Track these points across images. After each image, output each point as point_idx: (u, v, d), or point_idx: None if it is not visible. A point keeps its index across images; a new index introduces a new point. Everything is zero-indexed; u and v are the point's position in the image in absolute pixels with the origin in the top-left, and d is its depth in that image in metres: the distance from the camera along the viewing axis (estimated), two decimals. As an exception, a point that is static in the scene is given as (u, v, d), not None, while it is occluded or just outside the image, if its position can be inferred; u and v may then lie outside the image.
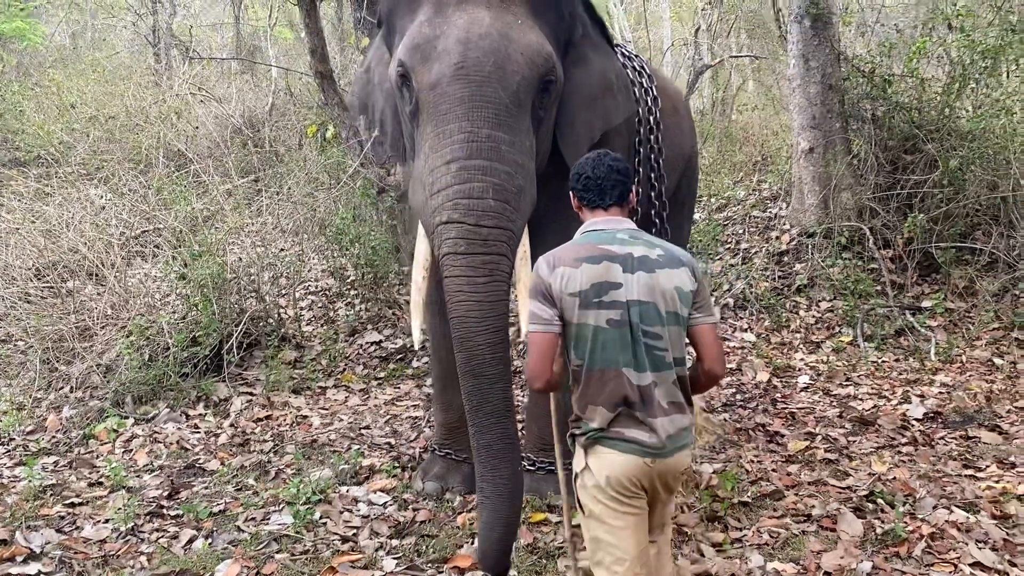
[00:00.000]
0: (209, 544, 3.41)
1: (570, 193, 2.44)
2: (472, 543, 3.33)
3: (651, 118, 3.97)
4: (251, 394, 5.36)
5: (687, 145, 4.63)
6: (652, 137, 3.97)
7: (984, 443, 4.47)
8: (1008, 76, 7.64)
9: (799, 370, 5.92)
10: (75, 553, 3.32)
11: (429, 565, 3.23)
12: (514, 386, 5.71)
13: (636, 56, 4.16)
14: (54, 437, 4.71)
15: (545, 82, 3.07)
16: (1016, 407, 4.97)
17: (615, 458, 2.14)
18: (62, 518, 3.68)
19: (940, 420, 4.84)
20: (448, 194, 2.82)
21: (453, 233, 2.80)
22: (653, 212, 4.02)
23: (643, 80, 4.00)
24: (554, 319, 2.17)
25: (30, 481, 3.96)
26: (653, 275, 2.19)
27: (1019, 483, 3.86)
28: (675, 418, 2.19)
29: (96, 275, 6.05)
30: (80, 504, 3.83)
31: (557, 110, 3.32)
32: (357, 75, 3.88)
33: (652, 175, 3.99)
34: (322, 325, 6.51)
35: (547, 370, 2.18)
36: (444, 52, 2.93)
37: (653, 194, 4.01)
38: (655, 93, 4.01)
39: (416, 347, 3.91)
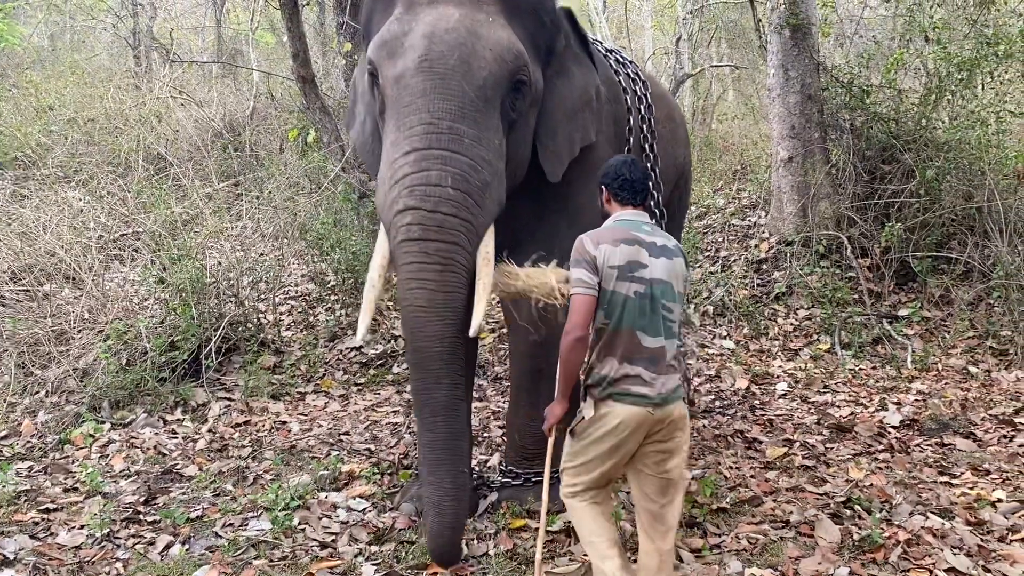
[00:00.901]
0: (186, 550, 3.38)
1: (601, 187, 2.84)
2: (451, 549, 3.32)
3: (644, 126, 3.93)
4: (230, 399, 5.32)
5: (681, 154, 4.59)
6: (647, 146, 3.94)
7: (959, 450, 4.52)
8: (983, 88, 7.75)
9: (777, 377, 5.96)
10: (49, 560, 3.28)
11: (408, 571, 3.22)
12: (481, 389, 5.72)
13: (631, 63, 4.12)
14: (29, 442, 4.65)
15: (516, 81, 3.02)
16: (990, 415, 5.03)
17: (623, 410, 2.55)
18: (36, 524, 3.63)
19: (916, 427, 4.89)
20: (405, 183, 2.76)
21: (408, 219, 2.74)
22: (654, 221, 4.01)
23: (637, 88, 3.96)
24: (595, 285, 2.57)
25: (4, 487, 3.90)
26: (671, 261, 2.68)
27: (993, 490, 3.91)
28: (673, 376, 2.62)
29: (73, 278, 6.00)
30: (55, 510, 3.79)
31: (538, 120, 3.29)
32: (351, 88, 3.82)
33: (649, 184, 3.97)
34: (302, 330, 6.48)
35: (588, 325, 2.56)
36: (410, 47, 2.90)
37: (652, 203, 3.98)
38: (649, 101, 3.97)
39: (358, 343, 3.78)
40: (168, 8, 16.49)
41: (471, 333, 2.77)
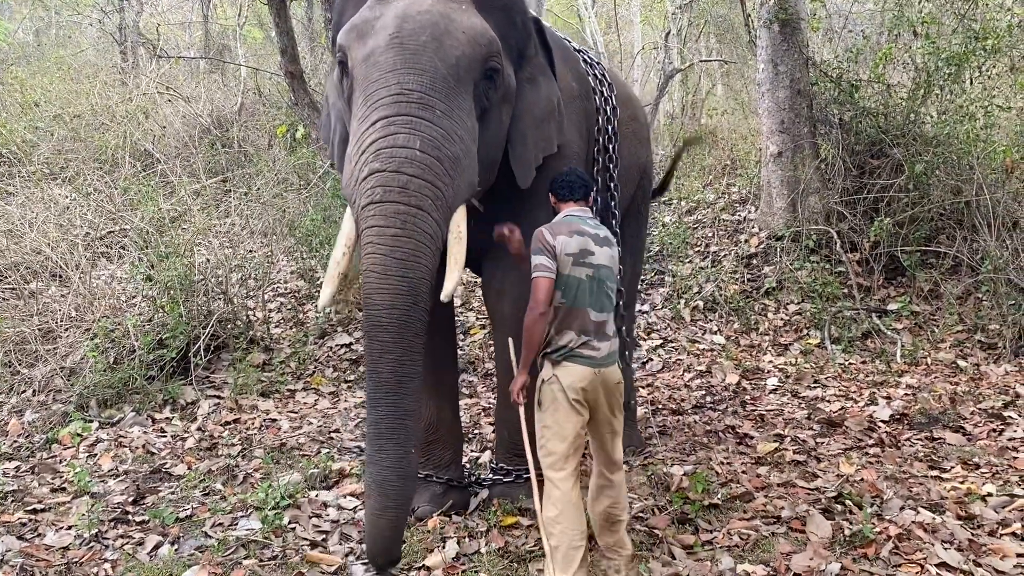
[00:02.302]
0: (175, 550, 3.35)
1: (549, 196, 3.14)
2: (443, 547, 3.31)
3: (609, 128, 3.94)
4: (219, 397, 5.29)
5: (643, 154, 4.63)
6: (610, 147, 3.95)
7: (949, 444, 4.53)
8: (971, 82, 7.77)
9: (768, 372, 5.97)
10: (37, 560, 3.25)
11: (399, 570, 3.20)
12: (471, 385, 5.71)
13: (598, 63, 4.13)
14: (16, 442, 4.62)
15: (489, 68, 2.99)
16: (979, 409, 5.05)
17: (576, 368, 2.93)
18: (23, 524, 3.60)
19: (906, 421, 4.91)
20: (371, 149, 2.68)
21: (372, 183, 2.65)
22: (614, 223, 4.01)
23: (603, 89, 3.97)
24: (554, 270, 2.91)
25: (-9, 487, 3.88)
26: (611, 249, 3.10)
27: (983, 484, 3.92)
28: (612, 342, 3.05)
29: (60, 276, 5.96)
30: (42, 510, 3.76)
31: (511, 125, 3.28)
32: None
33: (610, 184, 3.97)
34: (291, 327, 6.45)
35: (549, 303, 2.91)
36: (381, 27, 2.86)
37: (613, 204, 3.99)
38: (615, 103, 3.99)
39: (319, 309, 3.65)
40: (155, 3, 16.39)
41: (442, 298, 2.71)
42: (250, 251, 6.89)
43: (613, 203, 3.99)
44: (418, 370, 2.71)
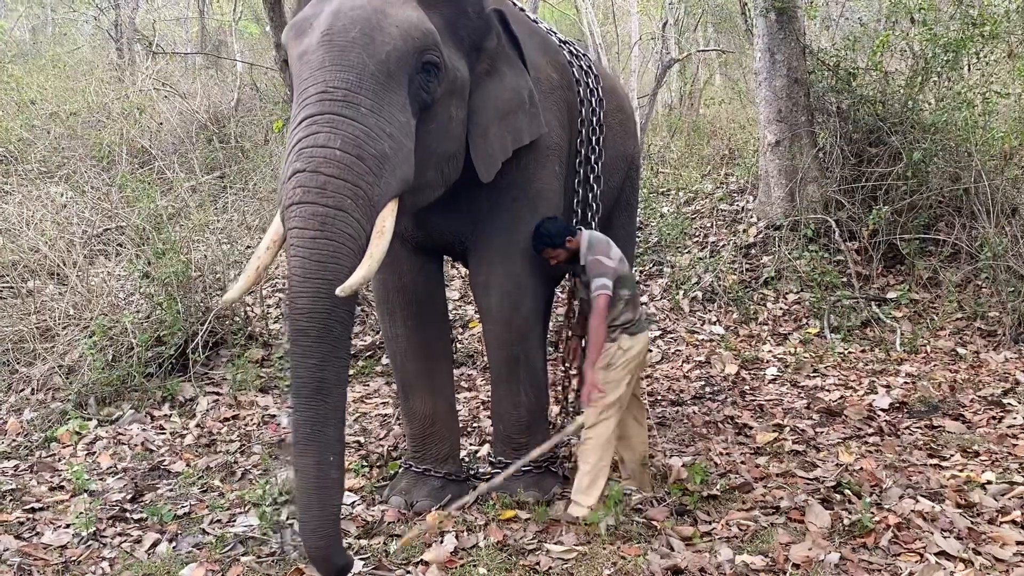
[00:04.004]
0: (173, 548, 3.35)
1: (552, 247, 3.50)
2: (442, 542, 3.31)
3: (594, 119, 3.92)
4: (217, 394, 5.29)
5: (630, 145, 4.60)
6: (595, 139, 3.93)
7: (948, 432, 4.53)
8: (969, 69, 7.75)
9: (767, 362, 5.96)
10: (35, 560, 3.25)
11: (397, 565, 3.20)
12: (471, 378, 5.70)
13: (584, 55, 4.11)
14: (14, 440, 4.61)
15: (425, 62, 2.94)
16: (979, 396, 5.04)
17: (644, 335, 3.69)
18: (21, 524, 3.60)
19: (905, 410, 4.90)
20: (296, 148, 2.66)
21: (293, 183, 2.61)
22: (589, 214, 3.98)
23: (589, 80, 3.94)
24: (611, 287, 3.48)
25: (-11, 486, 3.87)
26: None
27: (982, 472, 3.92)
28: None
29: (57, 274, 5.95)
30: (40, 509, 3.76)
31: (469, 119, 3.25)
32: None
33: (591, 176, 3.96)
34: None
35: (607, 313, 3.51)
36: (316, 25, 2.84)
37: (590, 196, 3.97)
38: (600, 95, 3.96)
39: (225, 303, 3.59)
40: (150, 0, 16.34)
41: (339, 292, 2.54)
42: (248, 247, 6.86)
43: (591, 195, 3.97)
44: (342, 376, 2.68)
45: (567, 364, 4.19)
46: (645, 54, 15.63)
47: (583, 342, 3.91)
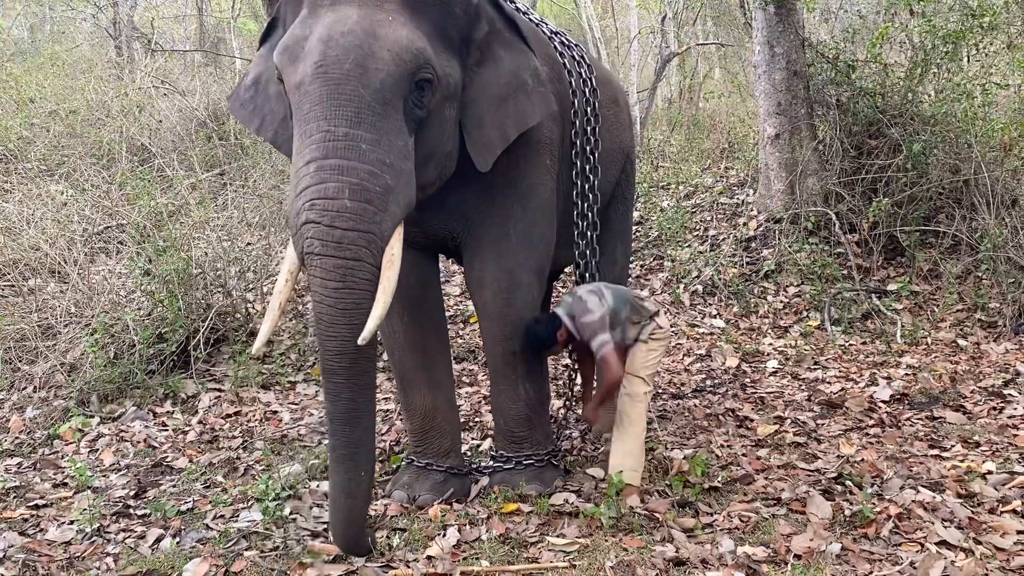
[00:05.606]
0: (177, 543, 3.36)
1: (560, 328, 3.61)
2: (444, 535, 3.32)
3: (588, 109, 3.89)
4: (219, 390, 5.30)
5: (626, 137, 4.58)
6: (590, 129, 3.91)
7: (949, 423, 4.54)
8: (969, 61, 7.74)
9: (768, 355, 5.97)
10: (39, 556, 3.26)
11: (400, 559, 3.21)
12: (472, 374, 5.71)
13: (576, 45, 4.08)
14: (17, 438, 4.63)
15: (419, 80, 2.94)
16: (980, 387, 5.05)
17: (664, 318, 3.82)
18: (25, 520, 3.61)
19: (906, 402, 4.91)
20: (306, 195, 2.75)
21: (310, 233, 2.74)
22: (586, 205, 3.97)
23: (581, 70, 3.92)
24: (610, 339, 3.60)
25: (-7, 484, 3.89)
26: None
27: (983, 462, 3.92)
28: None
29: (58, 272, 5.96)
30: (44, 506, 3.77)
31: (463, 111, 3.24)
32: (243, 86, 3.58)
33: (587, 167, 3.95)
34: (291, 319, 6.45)
35: (622, 364, 3.69)
36: (308, 52, 2.85)
37: (587, 187, 3.96)
38: (594, 84, 3.94)
39: (254, 353, 3.68)
40: (149, -3, 16.33)
41: (359, 341, 2.75)
42: (248, 244, 6.87)
43: (588, 186, 3.97)
44: (371, 404, 2.99)
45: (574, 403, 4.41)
46: (644, 48, 15.61)
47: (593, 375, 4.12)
